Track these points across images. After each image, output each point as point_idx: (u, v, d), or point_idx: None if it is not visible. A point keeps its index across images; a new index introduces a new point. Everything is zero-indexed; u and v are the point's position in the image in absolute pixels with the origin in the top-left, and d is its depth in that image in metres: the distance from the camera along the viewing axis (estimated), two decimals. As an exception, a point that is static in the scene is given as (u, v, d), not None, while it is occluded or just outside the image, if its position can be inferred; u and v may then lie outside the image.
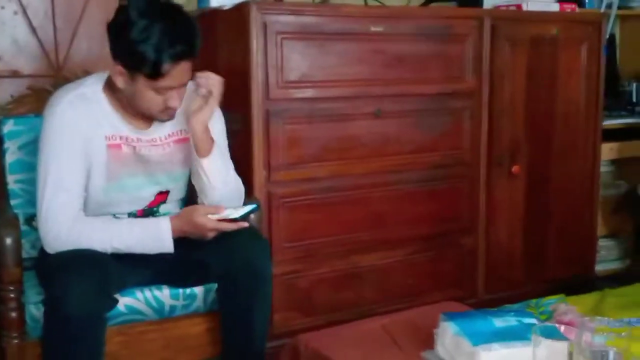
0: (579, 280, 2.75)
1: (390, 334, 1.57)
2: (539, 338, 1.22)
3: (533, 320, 1.37)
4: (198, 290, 1.87)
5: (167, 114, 1.74)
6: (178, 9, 1.72)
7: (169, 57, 1.62)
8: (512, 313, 1.43)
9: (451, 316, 1.41)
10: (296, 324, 2.25)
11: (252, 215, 1.88)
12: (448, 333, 1.38)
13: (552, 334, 1.26)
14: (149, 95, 1.67)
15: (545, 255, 2.81)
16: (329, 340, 1.55)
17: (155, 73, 1.63)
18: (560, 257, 2.82)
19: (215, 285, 1.82)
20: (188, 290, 1.86)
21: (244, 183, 1.94)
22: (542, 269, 2.80)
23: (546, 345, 1.22)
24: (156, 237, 1.72)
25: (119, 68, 1.66)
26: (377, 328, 1.62)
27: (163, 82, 1.65)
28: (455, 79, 2.54)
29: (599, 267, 3.05)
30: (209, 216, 1.73)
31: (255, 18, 2.14)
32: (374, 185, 2.42)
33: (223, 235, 1.75)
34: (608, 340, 1.28)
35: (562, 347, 1.24)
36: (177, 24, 1.66)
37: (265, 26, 2.16)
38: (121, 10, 1.68)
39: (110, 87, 1.75)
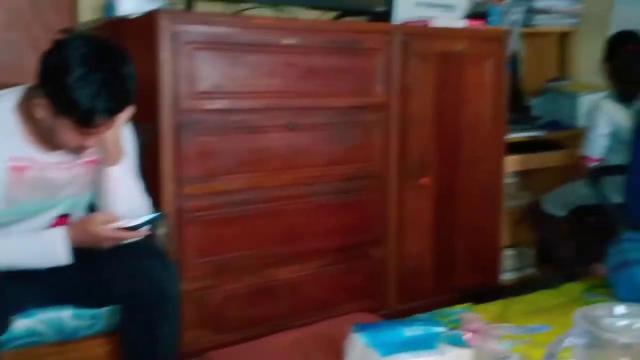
0: (486, 289, 2.83)
1: (301, 348, 1.56)
2: (446, 346, 1.24)
3: (441, 329, 1.40)
4: (103, 309, 1.79)
5: (82, 149, 1.68)
6: (120, 57, 1.64)
7: (104, 110, 1.56)
8: (421, 322, 1.44)
9: (361, 327, 1.42)
10: (207, 342, 2.20)
11: (161, 232, 1.82)
12: (358, 344, 1.38)
13: (458, 342, 1.29)
14: (69, 134, 1.60)
15: (453, 265, 2.88)
16: (238, 357, 1.52)
17: (85, 123, 1.56)
18: (467, 267, 2.90)
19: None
20: (93, 310, 1.78)
21: (152, 197, 1.88)
22: (451, 278, 2.87)
23: (452, 353, 1.24)
24: (50, 247, 1.64)
25: (45, 102, 1.57)
26: (288, 342, 1.61)
27: (90, 130, 1.60)
28: (366, 92, 2.58)
29: (505, 276, 3.16)
30: (108, 225, 1.67)
31: (165, 27, 2.10)
32: (286, 197, 2.41)
33: (128, 254, 1.69)
34: (513, 347, 1.32)
35: (467, 354, 1.26)
36: (118, 76, 1.59)
37: (175, 36, 2.12)
38: (59, 48, 1.58)
39: (24, 107, 1.65)
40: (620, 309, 1.12)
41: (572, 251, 3.24)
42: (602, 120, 2.94)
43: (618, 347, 1.02)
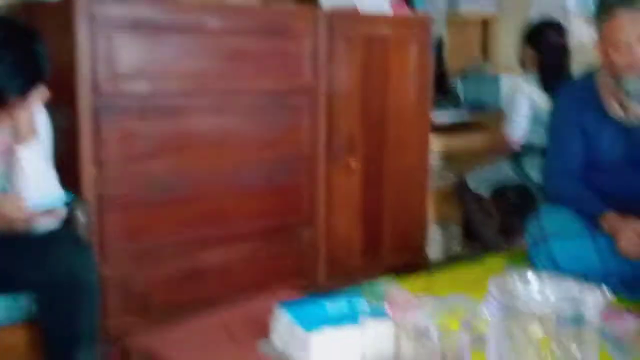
0: (413, 266, 2.90)
1: (226, 328, 1.55)
2: (367, 319, 1.26)
3: (363, 303, 1.42)
4: (19, 298, 1.74)
5: None
6: (31, 36, 1.62)
7: (16, 88, 1.56)
8: (345, 297, 1.47)
9: (286, 304, 1.42)
10: (133, 328, 2.16)
11: (80, 218, 1.78)
12: (282, 321, 1.39)
13: (380, 315, 1.31)
14: None
15: (381, 244, 2.93)
16: (161, 340, 1.51)
17: None
18: (395, 245, 2.96)
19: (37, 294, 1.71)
20: (7, 299, 1.72)
21: (72, 182, 1.83)
22: (379, 257, 2.92)
23: (374, 326, 1.27)
24: None
25: None
26: (214, 323, 1.60)
27: (3, 109, 1.57)
28: (294, 75, 2.58)
29: (432, 253, 3.24)
30: (17, 206, 1.62)
31: (83, 8, 2.04)
32: (214, 181, 2.40)
33: (44, 241, 1.65)
34: (435, 318, 1.36)
35: (389, 326, 1.29)
36: (29, 54, 1.58)
37: (93, 17, 2.06)
38: None
39: None
40: (533, 279, 1.16)
41: (496, 228, 3.35)
42: (523, 102, 3.05)
43: (532, 317, 1.06)
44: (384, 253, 2.94)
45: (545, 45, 3.07)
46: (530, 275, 1.19)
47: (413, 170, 3.00)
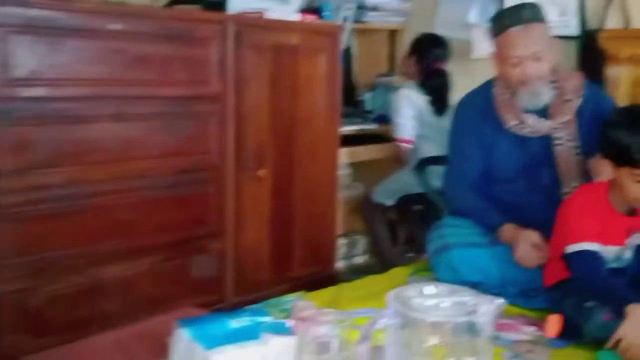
0: (322, 278, 2.90)
1: (124, 348, 1.49)
2: (269, 335, 1.24)
3: (267, 319, 1.40)
4: None
5: None
6: None
7: None
8: (248, 313, 1.44)
9: (186, 322, 1.38)
10: (28, 347, 2.04)
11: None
12: (182, 340, 1.35)
13: (283, 331, 1.29)
14: None
15: (291, 256, 2.91)
16: (56, 360, 1.42)
17: None
18: (304, 257, 2.95)
19: None
20: None
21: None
22: (289, 269, 2.90)
23: (277, 342, 1.24)
24: None
25: None
26: (110, 343, 1.53)
27: None
28: (201, 82, 2.53)
29: (340, 264, 3.26)
30: None
31: (-27, 8, 1.91)
32: (115, 192, 2.30)
33: None
34: (339, 332, 1.35)
35: (291, 341, 1.27)
36: None
37: (-15, 18, 1.94)
38: None
39: None
40: (429, 289, 1.18)
41: (402, 239, 3.41)
42: (405, 103, 3.19)
43: (427, 326, 1.07)
44: (292, 265, 2.92)
45: (428, 64, 3.23)
46: (426, 285, 1.20)
47: (322, 181, 3.01)
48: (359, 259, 3.52)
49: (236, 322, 1.36)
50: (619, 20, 3.15)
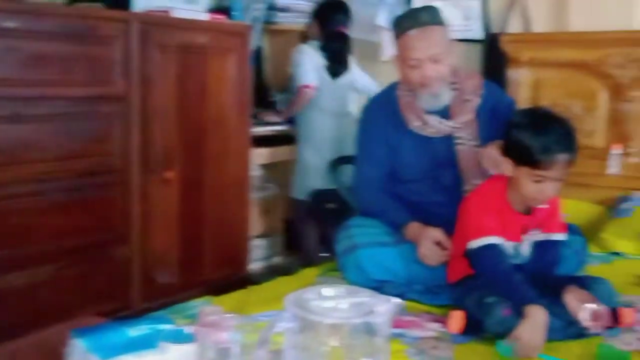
0: (235, 281, 2.86)
1: (16, 361, 1.41)
2: (168, 344, 1.20)
3: (168, 326, 1.36)
4: None
5: None
6: None
7: None
8: (149, 321, 1.39)
9: (81, 332, 1.32)
10: None
11: None
12: (77, 350, 1.29)
13: (182, 338, 1.26)
14: None
15: (201, 259, 2.86)
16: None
17: None
18: (216, 260, 2.91)
19: None
20: None
21: None
22: (199, 273, 2.86)
23: (174, 350, 1.21)
24: None
25: None
26: (4, 355, 1.44)
27: None
28: (103, 82, 2.45)
29: (254, 266, 3.23)
30: None
31: None
32: (11, 196, 2.20)
33: None
34: (244, 336, 1.33)
35: (190, 349, 1.24)
36: None
37: None
38: None
39: None
40: (327, 290, 1.17)
41: (315, 237, 3.42)
42: (305, 56, 3.28)
43: (325, 328, 1.07)
44: (204, 269, 2.87)
45: (330, 27, 3.31)
46: (324, 287, 1.20)
47: (234, 182, 2.97)
48: (274, 260, 3.50)
49: (135, 331, 1.31)
50: (520, 24, 3.27)
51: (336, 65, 3.34)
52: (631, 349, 1.65)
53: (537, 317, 1.63)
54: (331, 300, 1.14)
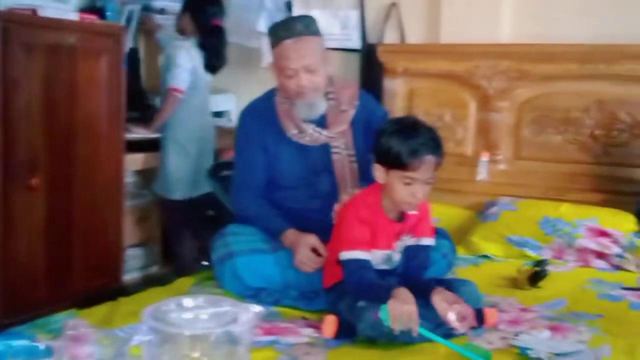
0: (107, 292, 2.74)
1: None
2: (18, 361, 1.12)
3: (22, 342, 1.27)
4: None
5: None
6: None
7: None
8: (2, 337, 1.30)
9: None
10: None
11: None
12: None
13: (36, 354, 1.18)
14: None
15: (71, 270, 2.73)
16: None
17: None
18: (87, 270, 2.78)
19: None
20: None
21: None
22: (69, 284, 2.72)
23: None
24: None
25: None
26: None
27: None
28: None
29: (129, 276, 3.11)
30: None
31: None
32: None
33: None
34: (106, 350, 1.26)
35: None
36: None
37: None
38: None
39: None
40: (187, 301, 1.14)
41: (193, 245, 3.34)
42: (184, 54, 3.19)
43: (186, 340, 1.04)
44: (74, 279, 2.73)
45: (205, 21, 3.27)
46: (185, 298, 1.17)
47: (106, 189, 2.85)
48: (150, 270, 3.39)
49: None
50: (396, 35, 3.38)
51: (215, 61, 3.29)
52: (494, 348, 1.72)
53: (400, 294, 1.70)
54: (191, 311, 1.11)
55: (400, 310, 1.66)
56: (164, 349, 1.03)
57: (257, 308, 1.11)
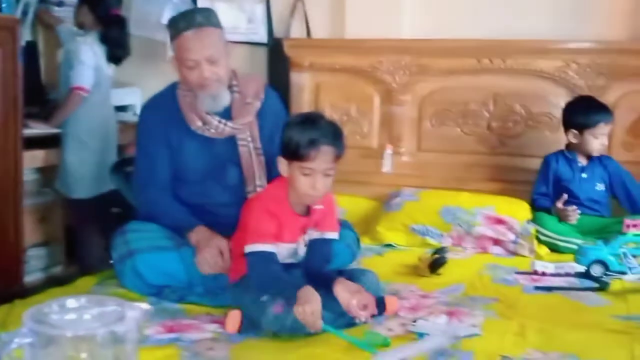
0: (6, 294, 2.63)
1: None
2: None
3: None
4: None
5: None
6: None
7: None
8: None
9: None
10: None
11: None
12: None
13: None
14: None
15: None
16: None
17: None
18: (-17, 273, 2.66)
19: None
20: None
21: None
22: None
23: None
24: None
25: None
26: None
27: None
28: None
29: (30, 277, 3.01)
30: None
31: None
32: None
33: None
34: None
35: None
36: None
37: None
38: None
39: None
40: (71, 302, 1.13)
41: (99, 243, 3.26)
42: (87, 50, 3.10)
43: (69, 341, 1.02)
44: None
45: (104, 12, 3.18)
46: (69, 298, 1.15)
47: (2, 187, 2.73)
48: (54, 270, 3.28)
49: None
50: (302, 29, 3.40)
51: (118, 51, 3.21)
52: (393, 335, 1.78)
53: (305, 293, 1.72)
54: (74, 312, 1.10)
55: (304, 313, 1.69)
56: (47, 352, 1.01)
57: (144, 306, 1.10)
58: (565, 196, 2.73)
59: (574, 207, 2.68)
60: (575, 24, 2.99)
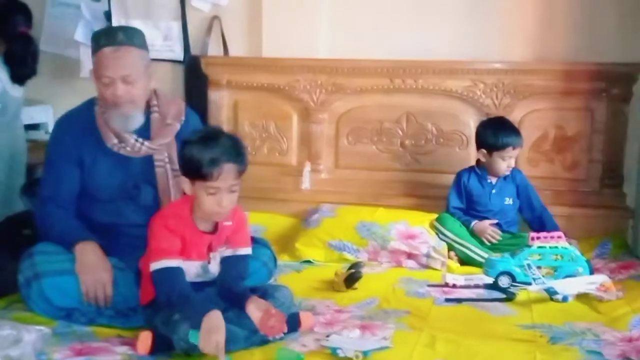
0: None
1: None
2: None
3: None
4: None
5: None
6: None
7: None
8: None
9: None
10: None
11: None
12: None
13: None
14: None
15: None
16: None
17: None
18: None
19: None
20: None
21: None
22: None
23: None
24: None
25: None
26: None
27: None
28: None
29: None
30: None
31: None
32: None
33: None
34: None
35: None
36: None
37: None
38: None
39: None
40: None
41: (13, 266, 3.13)
42: None
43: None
44: None
45: (11, 31, 3.05)
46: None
47: None
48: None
49: None
50: (219, 48, 3.40)
51: (21, 69, 3.07)
52: (306, 350, 1.80)
53: (210, 321, 1.69)
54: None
55: (209, 342, 1.66)
56: None
57: (42, 329, 1.08)
58: (495, 220, 2.83)
59: (499, 231, 2.79)
60: (484, 45, 3.11)
